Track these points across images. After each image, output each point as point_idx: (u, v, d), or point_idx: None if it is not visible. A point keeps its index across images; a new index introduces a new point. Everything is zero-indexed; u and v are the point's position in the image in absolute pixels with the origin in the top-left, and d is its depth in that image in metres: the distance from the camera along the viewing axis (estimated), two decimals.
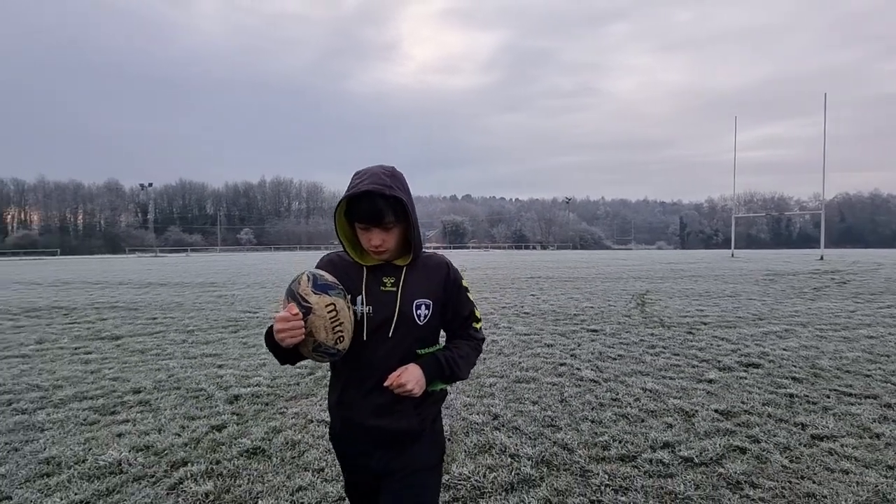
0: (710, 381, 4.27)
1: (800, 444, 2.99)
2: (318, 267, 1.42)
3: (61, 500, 2.38)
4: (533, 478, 2.61)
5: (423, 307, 1.37)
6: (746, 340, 5.91)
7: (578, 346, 5.73)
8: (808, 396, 3.86)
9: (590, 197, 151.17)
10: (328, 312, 1.23)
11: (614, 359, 5.11)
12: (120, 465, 2.74)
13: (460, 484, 2.56)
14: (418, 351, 1.38)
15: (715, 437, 3.08)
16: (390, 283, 1.37)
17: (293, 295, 1.25)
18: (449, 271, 1.45)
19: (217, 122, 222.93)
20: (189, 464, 2.76)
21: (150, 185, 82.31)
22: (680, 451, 2.90)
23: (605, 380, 4.35)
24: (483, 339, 1.52)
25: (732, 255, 33.64)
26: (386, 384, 1.28)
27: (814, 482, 2.54)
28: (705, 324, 7.05)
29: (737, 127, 35.47)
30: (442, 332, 1.52)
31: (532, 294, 11.05)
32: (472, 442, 3.06)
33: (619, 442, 3.04)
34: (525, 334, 6.44)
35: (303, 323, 1.21)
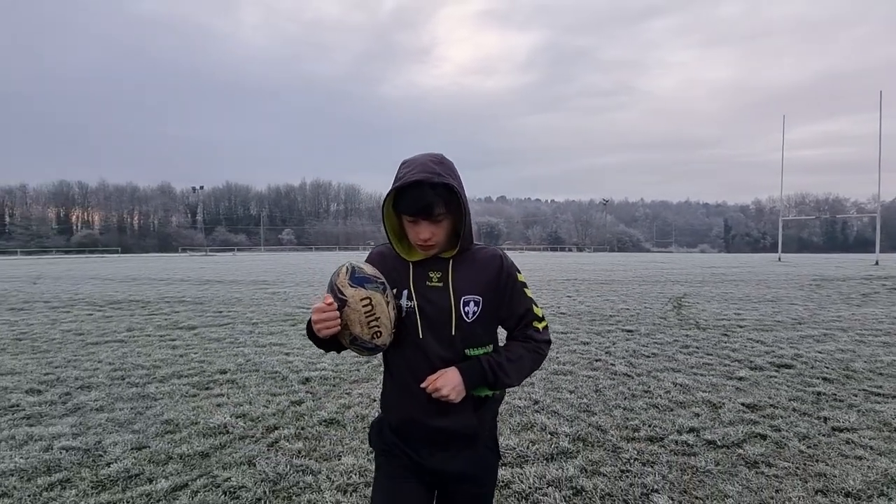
0: (741, 379, 4.52)
1: (819, 434, 3.25)
2: (370, 257, 1.42)
3: (187, 450, 2.98)
4: (570, 451, 3.02)
5: (471, 303, 1.30)
6: (781, 343, 6.05)
7: (613, 344, 6.04)
8: (835, 395, 4.07)
9: (628, 198, 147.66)
10: (363, 306, 1.22)
11: (647, 356, 5.41)
12: (225, 427, 3.35)
13: (506, 453, 3.00)
14: (467, 352, 1.31)
15: (738, 426, 3.39)
16: (437, 278, 1.31)
17: (331, 286, 1.25)
18: (503, 264, 1.35)
19: (260, 126, 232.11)
20: (280, 428, 3.33)
21: (202, 187, 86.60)
22: (704, 435, 3.24)
23: (638, 374, 4.68)
24: (546, 341, 1.38)
25: (779, 259, 32.34)
26: (422, 386, 1.26)
27: (826, 465, 2.83)
28: (741, 327, 7.17)
29: (784, 126, 34.13)
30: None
31: (568, 295, 11.32)
32: (515, 421, 3.49)
33: (649, 426, 3.40)
34: (562, 333, 6.79)
35: (337, 314, 1.21)
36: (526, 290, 1.38)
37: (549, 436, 3.24)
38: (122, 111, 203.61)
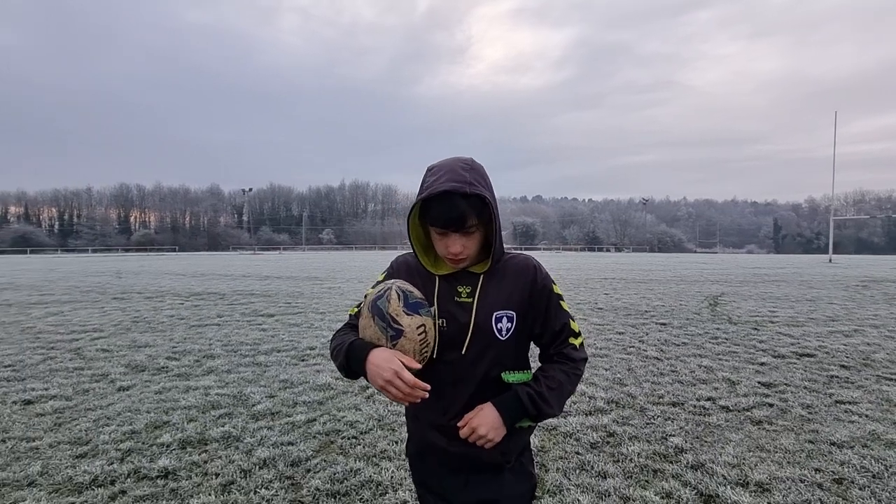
0: (762, 364, 5.08)
1: (822, 405, 3.83)
2: (394, 268, 1.33)
3: (307, 399, 3.91)
4: (605, 409, 3.75)
5: (504, 319, 1.20)
6: (809, 337, 6.48)
7: (646, 334, 6.65)
8: (848, 378, 4.58)
9: (670, 197, 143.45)
10: (419, 335, 1.12)
11: (677, 345, 6.01)
12: (329, 385, 4.28)
13: None
14: (504, 376, 1.21)
15: (751, 397, 4.01)
16: (465, 293, 1.21)
17: (382, 315, 1.13)
18: (537, 275, 1.25)
19: (301, 129, 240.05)
20: (370, 388, 4.22)
21: (251, 189, 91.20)
22: (719, 402, 3.89)
23: (667, 358, 5.32)
24: (584, 360, 1.27)
25: (830, 260, 31.16)
26: (459, 425, 1.17)
27: (821, 425, 3.44)
28: (773, 322, 7.59)
29: (840, 119, 32.78)
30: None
31: (605, 293, 11.84)
32: None
33: (672, 395, 4.07)
34: (599, 324, 7.45)
35: (416, 397, 1.07)
36: (562, 303, 1.27)
37: (587, 399, 3.98)
38: (173, 117, 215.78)
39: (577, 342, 1.26)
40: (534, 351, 1.34)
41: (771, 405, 3.83)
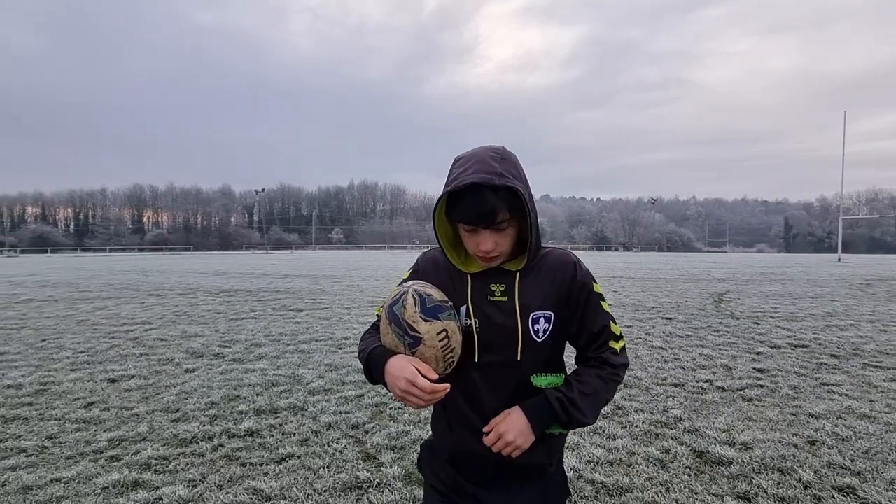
0: (758, 353, 5.57)
1: (808, 386, 4.33)
2: (419, 266, 1.27)
3: (352, 379, 4.48)
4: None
5: (541, 320, 1.14)
6: (806, 330, 6.94)
7: (653, 328, 7.15)
8: (836, 365, 5.06)
9: (679, 196, 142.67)
10: (440, 341, 1.06)
11: (681, 337, 6.50)
12: None
13: None
14: (533, 379, 1.14)
15: (745, 380, 4.51)
16: (500, 292, 1.15)
17: (398, 322, 1.07)
18: (577, 272, 1.17)
19: (310, 129, 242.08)
20: None
21: (263, 190, 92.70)
22: (716, 383, 4.40)
23: (671, 348, 5.82)
24: (624, 365, 1.19)
25: (839, 259, 31.27)
26: (484, 430, 1.12)
27: (804, 402, 3.93)
28: (773, 317, 8.04)
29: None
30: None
31: (614, 291, 12.33)
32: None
33: (674, 378, 4.59)
34: None
35: (436, 399, 1.04)
36: (603, 303, 1.19)
37: None
38: (184, 118, 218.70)
39: (617, 346, 1.18)
40: (569, 351, 1.25)
41: (762, 386, 4.33)
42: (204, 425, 3.38)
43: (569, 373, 1.20)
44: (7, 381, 4.41)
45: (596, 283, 1.20)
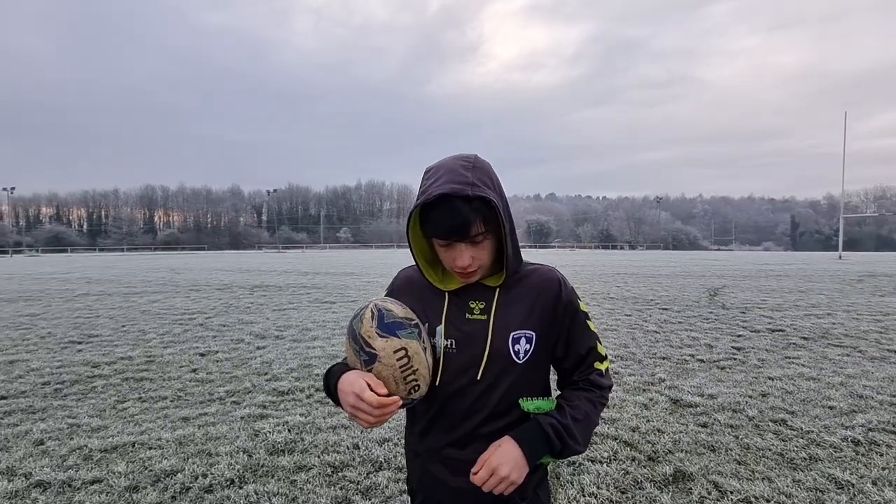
0: (738, 336, 6.49)
1: (773, 360, 5.25)
2: (394, 284, 1.22)
3: None
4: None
5: (522, 340, 1.06)
6: (785, 318, 7.84)
7: (650, 316, 8.09)
8: (803, 345, 5.97)
9: (685, 194, 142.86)
10: (398, 360, 0.99)
11: (674, 323, 7.44)
12: None
13: None
14: (522, 403, 1.06)
15: (722, 355, 5.44)
16: (478, 310, 1.08)
17: (354, 337, 1.03)
18: (561, 291, 1.10)
19: (317, 129, 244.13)
20: None
21: (274, 190, 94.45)
22: (697, 356, 5.34)
23: (663, 332, 6.76)
24: (610, 387, 1.12)
25: (840, 257, 31.91)
26: (474, 471, 1.00)
27: (767, 369, 4.86)
28: (760, 308, 8.93)
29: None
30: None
31: (617, 286, 13.24)
32: None
33: (662, 353, 5.53)
34: (610, 309, 8.89)
35: (387, 416, 0.96)
36: (589, 322, 1.13)
37: None
38: (194, 118, 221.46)
39: (602, 367, 1.13)
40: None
41: (735, 359, 5.27)
42: (292, 382, 4.38)
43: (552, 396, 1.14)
44: (119, 354, 5.44)
45: (581, 301, 1.14)
